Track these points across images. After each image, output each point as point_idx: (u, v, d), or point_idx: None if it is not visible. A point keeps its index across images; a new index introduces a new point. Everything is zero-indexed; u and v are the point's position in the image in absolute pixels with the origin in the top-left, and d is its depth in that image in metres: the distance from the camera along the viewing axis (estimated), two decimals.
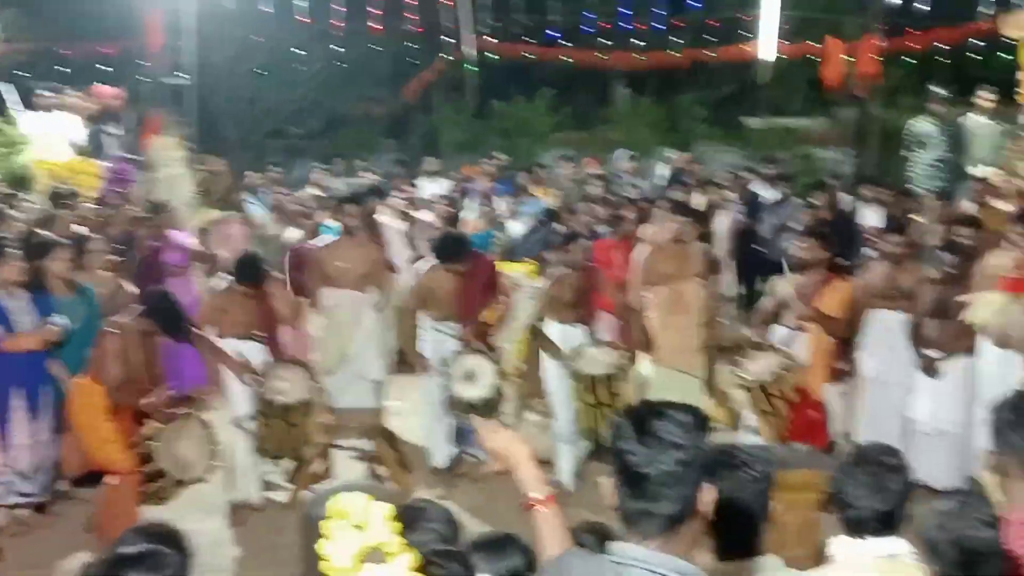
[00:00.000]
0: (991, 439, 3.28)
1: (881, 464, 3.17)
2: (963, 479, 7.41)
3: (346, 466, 7.59)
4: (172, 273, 9.33)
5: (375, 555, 2.25)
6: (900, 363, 7.63)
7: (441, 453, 7.87)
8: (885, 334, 7.63)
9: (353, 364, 7.98)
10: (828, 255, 7.67)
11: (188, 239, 9.99)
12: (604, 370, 7.22)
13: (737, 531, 2.80)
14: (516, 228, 11.10)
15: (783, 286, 7.75)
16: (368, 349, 8.06)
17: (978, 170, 11.99)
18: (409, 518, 3.05)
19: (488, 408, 7.14)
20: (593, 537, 3.18)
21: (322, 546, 2.22)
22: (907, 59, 17.03)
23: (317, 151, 16.44)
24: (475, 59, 17.18)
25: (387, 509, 2.28)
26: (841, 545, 3.16)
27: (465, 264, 7.75)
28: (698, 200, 11.38)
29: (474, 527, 3.63)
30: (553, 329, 7.82)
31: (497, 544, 3.25)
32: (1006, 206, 9.46)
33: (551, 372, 7.77)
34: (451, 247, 7.84)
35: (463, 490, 7.61)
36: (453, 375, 7.30)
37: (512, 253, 10.37)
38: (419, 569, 2.26)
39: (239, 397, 7.24)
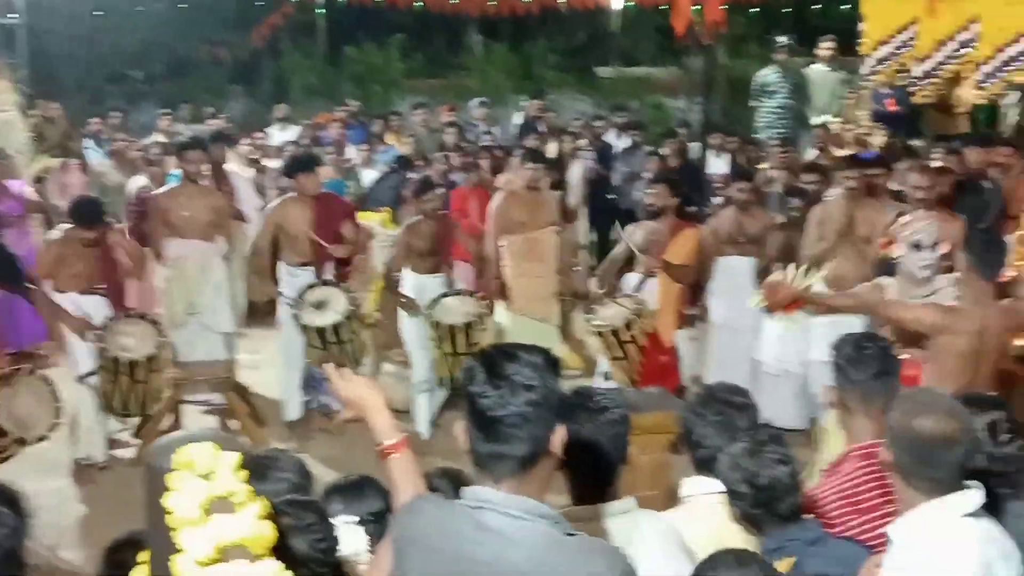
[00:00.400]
0: (833, 376, 3.40)
1: (729, 403, 3.25)
2: (806, 418, 7.74)
3: (196, 421, 7.42)
4: (6, 224, 8.84)
5: (222, 505, 2.20)
6: (748, 308, 7.88)
7: (295, 406, 7.75)
8: (733, 279, 7.83)
9: (202, 316, 7.77)
10: (677, 202, 7.82)
11: (23, 188, 9.50)
12: (461, 319, 7.21)
13: (595, 475, 2.82)
14: (369, 176, 10.95)
15: (634, 233, 7.86)
16: (217, 301, 7.85)
17: (820, 118, 12.40)
18: (260, 468, 2.99)
19: (342, 348, 7.01)
20: (447, 482, 3.18)
21: (168, 498, 2.16)
22: (752, 8, 17.41)
23: (161, 96, 15.83)
24: (324, 2, 16.80)
25: (234, 458, 2.22)
26: (693, 484, 3.23)
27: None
28: (551, 149, 11.42)
29: (331, 479, 3.59)
30: (409, 278, 7.77)
31: (356, 487, 3.22)
32: (845, 153, 9.79)
33: (407, 321, 7.73)
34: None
35: (319, 442, 7.53)
36: (304, 304, 7.13)
37: (365, 202, 10.23)
38: (268, 518, 2.21)
39: (82, 353, 6.96)
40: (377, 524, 3.12)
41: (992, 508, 2.87)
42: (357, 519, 3.02)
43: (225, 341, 7.88)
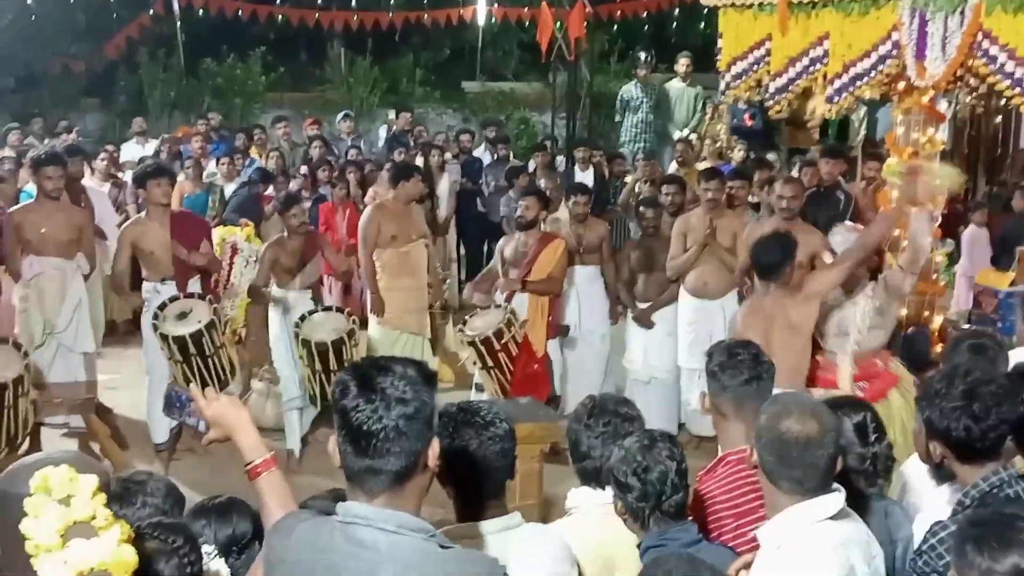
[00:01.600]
0: (707, 382, 3.48)
1: (617, 414, 3.29)
2: (670, 423, 7.93)
3: (56, 445, 7.14)
4: None
5: (82, 530, 2.13)
6: (595, 314, 8.08)
7: (161, 427, 7.52)
8: (579, 287, 8.10)
9: (61, 336, 7.50)
10: (546, 214, 7.94)
11: None
12: (330, 336, 7.11)
13: (481, 491, 2.82)
14: (232, 191, 10.75)
15: (505, 246, 7.92)
16: (77, 320, 7.58)
17: (680, 132, 12.74)
18: (126, 492, 2.91)
19: (205, 361, 6.81)
20: (322, 502, 3.13)
21: (24, 524, 2.08)
22: (613, 25, 17.74)
23: (10, 110, 15.21)
24: (182, 14, 16.42)
25: (92, 482, 2.16)
26: (579, 495, 3.26)
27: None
28: (420, 162, 11.42)
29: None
30: (276, 294, 7.65)
31: (222, 509, 3.14)
32: (705, 166, 10.07)
33: (276, 337, 7.60)
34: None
35: (186, 464, 7.34)
36: (165, 315, 6.90)
37: (228, 217, 10.05)
38: (131, 542, 2.16)
39: None
40: (246, 546, 3.06)
41: (860, 507, 2.98)
42: (216, 550, 2.95)
43: (85, 361, 7.62)
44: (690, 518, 3.03)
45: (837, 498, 2.77)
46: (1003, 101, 6.47)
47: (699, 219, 7.65)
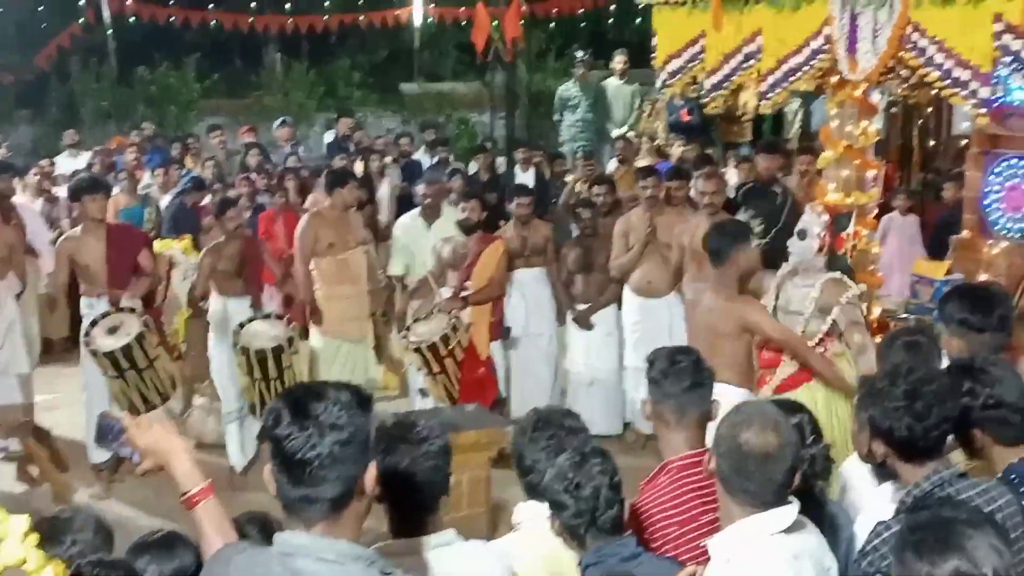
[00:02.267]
0: (648, 389, 3.47)
1: (561, 427, 3.27)
2: (615, 424, 7.95)
3: None
4: None
5: (14, 574, 2.07)
6: (542, 316, 8.06)
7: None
8: (523, 290, 8.06)
9: None
10: (486, 216, 7.91)
11: None
12: (269, 343, 7.00)
13: (416, 507, 2.79)
14: (167, 202, 10.58)
15: (442, 249, 7.85)
16: (11, 341, 7.41)
17: (619, 130, 12.77)
18: (53, 530, 2.83)
19: (139, 375, 6.67)
20: (255, 527, 3.08)
21: None
22: (550, 24, 17.77)
23: None
24: (113, 22, 16.14)
25: (23, 523, 2.10)
26: (525, 510, 3.23)
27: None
28: (358, 167, 11.33)
29: (143, 523, 3.43)
30: (215, 302, 7.54)
31: (164, 543, 3.07)
32: (643, 164, 10.08)
33: (215, 348, 7.49)
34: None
35: (129, 485, 7.20)
36: (96, 331, 6.77)
37: (164, 229, 9.90)
38: None
39: None
40: None
41: (813, 514, 2.97)
42: None
43: (21, 383, 7.44)
44: (629, 532, 3.00)
45: (790, 510, 2.76)
46: (934, 92, 6.54)
47: (639, 218, 7.69)
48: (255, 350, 6.88)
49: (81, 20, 16.27)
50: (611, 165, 11.51)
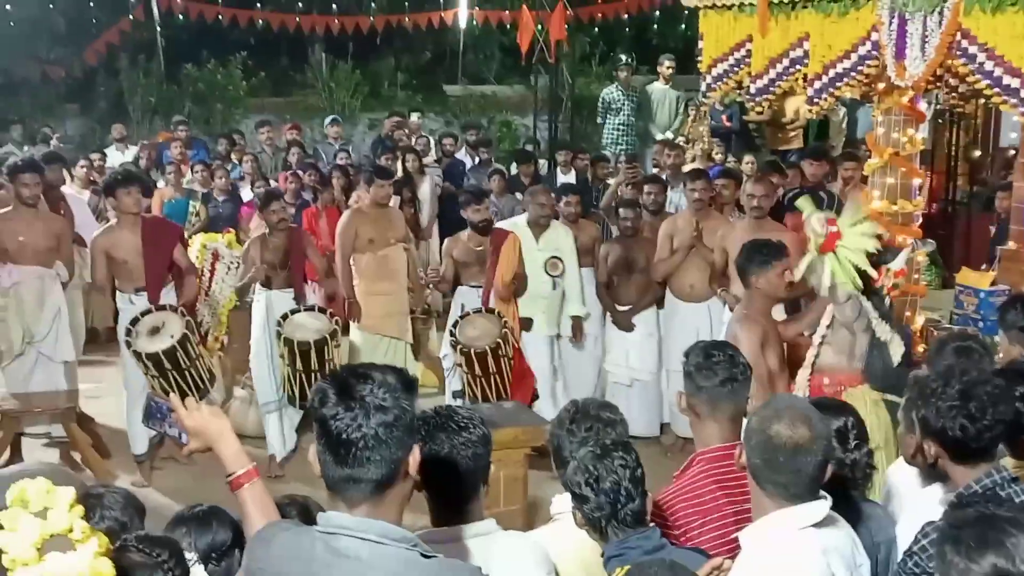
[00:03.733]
0: (684, 382, 3.48)
1: (599, 419, 3.27)
2: (653, 425, 7.93)
3: (37, 454, 7.09)
4: None
5: (59, 543, 2.11)
6: (592, 317, 8.04)
7: (141, 436, 7.45)
8: None
9: (40, 345, 7.45)
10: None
11: None
12: (313, 336, 7.03)
13: (456, 496, 2.79)
14: (215, 196, 10.68)
15: (453, 247, 7.76)
16: (56, 329, 7.54)
17: (663, 135, 12.75)
18: (84, 506, 2.88)
19: (181, 375, 6.70)
20: (298, 510, 3.11)
21: (1, 537, 2.05)
22: (594, 28, 17.77)
23: None
24: (162, 19, 16.35)
25: (69, 494, 2.14)
26: (563, 502, 3.24)
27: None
28: (403, 166, 11.41)
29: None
30: (260, 295, 7.58)
31: (202, 518, 3.12)
32: (691, 167, 10.04)
33: (256, 338, 7.53)
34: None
35: (168, 473, 7.30)
36: (138, 331, 6.73)
37: (210, 222, 10.00)
38: (110, 555, 2.13)
39: None
40: (225, 554, 3.04)
41: (848, 512, 2.96)
42: (196, 558, 2.93)
43: (66, 370, 7.57)
44: (652, 524, 2.99)
45: (822, 505, 2.75)
46: (983, 101, 6.48)
47: (685, 221, 7.59)
48: (299, 341, 6.92)
49: (130, 17, 16.46)
50: (654, 169, 11.48)
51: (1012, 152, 10.11)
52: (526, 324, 7.68)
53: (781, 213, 7.69)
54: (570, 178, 11.11)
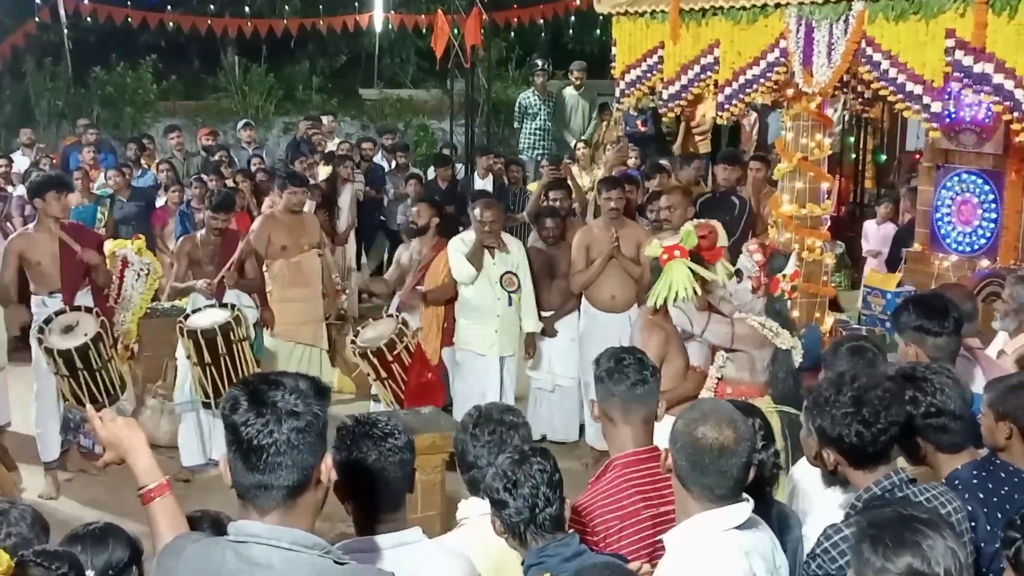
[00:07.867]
0: (595, 388, 3.50)
1: (502, 422, 3.27)
2: (572, 431, 7.96)
3: None
4: None
5: None
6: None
7: (52, 445, 7.25)
8: None
9: None
10: (438, 221, 7.82)
11: None
12: (216, 323, 6.89)
13: (381, 504, 2.77)
14: (119, 198, 10.49)
15: (401, 254, 7.85)
16: None
17: (576, 139, 12.86)
18: None
19: (92, 376, 6.58)
20: (209, 523, 3.05)
21: None
22: (510, 33, 17.84)
23: None
24: (69, 21, 15.97)
25: None
26: (468, 507, 3.23)
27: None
28: (322, 171, 11.33)
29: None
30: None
31: (97, 536, 3.04)
32: (603, 175, 10.12)
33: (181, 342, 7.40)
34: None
35: (79, 483, 7.11)
36: (51, 329, 6.63)
37: (115, 225, 9.83)
38: (8, 572, 2.08)
39: None
40: (122, 571, 2.97)
41: (763, 513, 3.00)
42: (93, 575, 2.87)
43: None
44: (571, 530, 3.01)
45: (744, 508, 2.78)
46: (889, 105, 6.65)
47: (601, 230, 7.47)
48: (203, 330, 6.81)
49: (36, 19, 16.06)
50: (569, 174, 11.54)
51: (917, 156, 10.39)
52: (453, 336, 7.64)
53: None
54: (487, 183, 11.12)
